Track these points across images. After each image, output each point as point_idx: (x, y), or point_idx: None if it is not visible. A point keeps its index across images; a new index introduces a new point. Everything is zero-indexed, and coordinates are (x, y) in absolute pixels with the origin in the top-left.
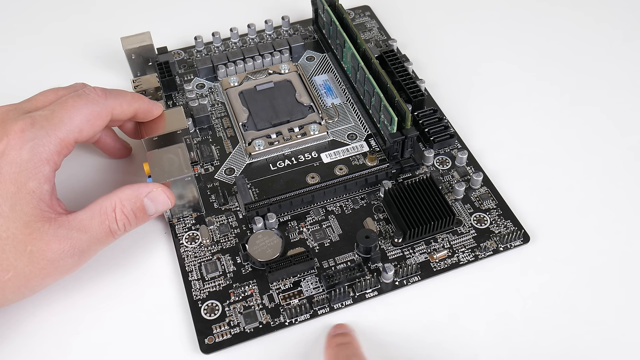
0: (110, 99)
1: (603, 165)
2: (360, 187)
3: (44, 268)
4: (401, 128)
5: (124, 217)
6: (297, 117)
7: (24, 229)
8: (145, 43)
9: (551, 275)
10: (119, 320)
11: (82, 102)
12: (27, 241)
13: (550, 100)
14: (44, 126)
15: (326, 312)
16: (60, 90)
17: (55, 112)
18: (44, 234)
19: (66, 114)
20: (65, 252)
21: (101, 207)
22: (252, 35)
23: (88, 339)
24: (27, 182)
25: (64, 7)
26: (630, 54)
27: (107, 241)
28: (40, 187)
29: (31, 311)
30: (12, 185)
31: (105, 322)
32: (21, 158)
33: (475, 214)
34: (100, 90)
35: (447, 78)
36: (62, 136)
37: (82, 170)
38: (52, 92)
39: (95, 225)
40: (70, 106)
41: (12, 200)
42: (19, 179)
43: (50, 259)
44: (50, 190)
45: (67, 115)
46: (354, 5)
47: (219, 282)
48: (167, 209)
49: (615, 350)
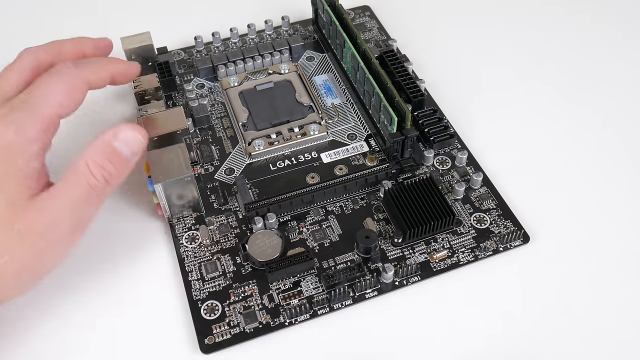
0: (82, 68)
1: (603, 165)
2: (360, 187)
3: (35, 244)
4: (401, 128)
5: (99, 168)
6: (297, 117)
7: (9, 207)
8: (145, 43)
9: (551, 275)
10: (118, 320)
11: (55, 78)
12: (14, 220)
13: (550, 101)
14: (23, 108)
15: (326, 312)
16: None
17: (32, 93)
18: (28, 210)
19: (43, 92)
20: (53, 223)
21: (74, 166)
22: (252, 35)
23: (88, 338)
24: (14, 161)
25: (64, 8)
26: (631, 56)
27: (91, 199)
28: (27, 165)
29: (30, 311)
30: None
31: (105, 322)
32: (6, 140)
33: (475, 214)
34: (70, 62)
35: (447, 78)
36: (45, 113)
37: None
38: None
39: (72, 187)
40: (45, 83)
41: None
42: (5, 160)
43: (39, 234)
44: (38, 168)
45: (44, 93)
46: (354, 5)
47: (218, 282)
48: (141, 146)
49: (615, 350)
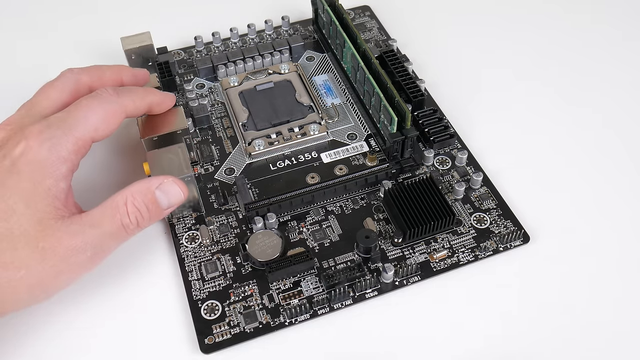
0: (122, 96)
1: (603, 165)
2: (360, 187)
3: (56, 265)
4: (401, 128)
5: (135, 210)
6: (297, 117)
7: (36, 225)
8: (145, 43)
9: (551, 275)
10: (118, 320)
11: (96, 102)
12: (40, 238)
13: (550, 101)
14: (60, 126)
15: (326, 312)
16: (54, 82)
17: (70, 113)
18: (57, 230)
19: (81, 114)
20: (78, 249)
21: (112, 202)
22: (252, 35)
23: (88, 338)
24: (43, 180)
25: (64, 8)
26: (631, 56)
27: (120, 236)
28: (56, 185)
29: (29, 311)
30: (28, 183)
31: (105, 322)
32: (39, 157)
33: (475, 214)
34: (111, 89)
35: (447, 78)
36: (79, 135)
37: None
38: (49, 88)
39: (106, 220)
40: (85, 106)
41: (27, 198)
42: (35, 177)
43: (62, 256)
44: (66, 189)
45: (82, 115)
46: (354, 5)
47: (219, 282)
48: (180, 201)
49: (615, 350)
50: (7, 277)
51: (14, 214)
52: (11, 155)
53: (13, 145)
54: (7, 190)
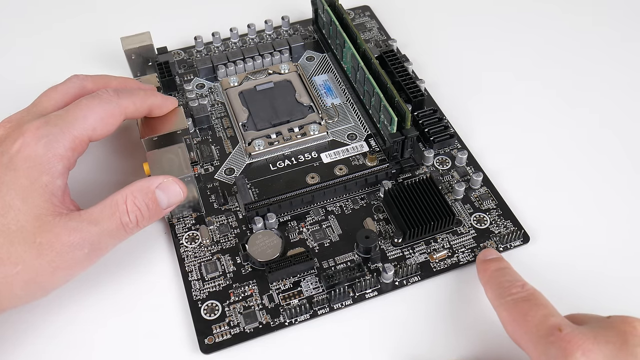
0: (123, 98)
1: (603, 165)
2: (360, 187)
3: (52, 261)
4: (401, 128)
5: (135, 209)
6: (297, 117)
7: (34, 221)
8: (145, 43)
9: (551, 275)
10: (118, 320)
11: (96, 102)
12: (37, 233)
13: (550, 101)
14: (58, 124)
15: (326, 312)
16: (59, 86)
17: (69, 112)
18: (54, 226)
19: (80, 113)
20: (75, 245)
21: (112, 200)
22: (252, 35)
23: (87, 339)
24: (40, 176)
25: (64, 8)
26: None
27: (118, 235)
28: (52, 182)
29: (29, 310)
30: (25, 179)
31: (105, 322)
32: (36, 153)
33: (475, 214)
34: (112, 90)
35: (447, 78)
36: (76, 134)
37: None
38: (53, 91)
39: (106, 218)
40: (84, 105)
41: (24, 194)
42: (32, 173)
43: (59, 251)
44: (62, 187)
45: (81, 114)
46: (354, 5)
47: (218, 282)
48: (179, 201)
49: None
50: (4, 273)
51: (10, 210)
52: (9, 152)
53: (11, 142)
54: (4, 186)
